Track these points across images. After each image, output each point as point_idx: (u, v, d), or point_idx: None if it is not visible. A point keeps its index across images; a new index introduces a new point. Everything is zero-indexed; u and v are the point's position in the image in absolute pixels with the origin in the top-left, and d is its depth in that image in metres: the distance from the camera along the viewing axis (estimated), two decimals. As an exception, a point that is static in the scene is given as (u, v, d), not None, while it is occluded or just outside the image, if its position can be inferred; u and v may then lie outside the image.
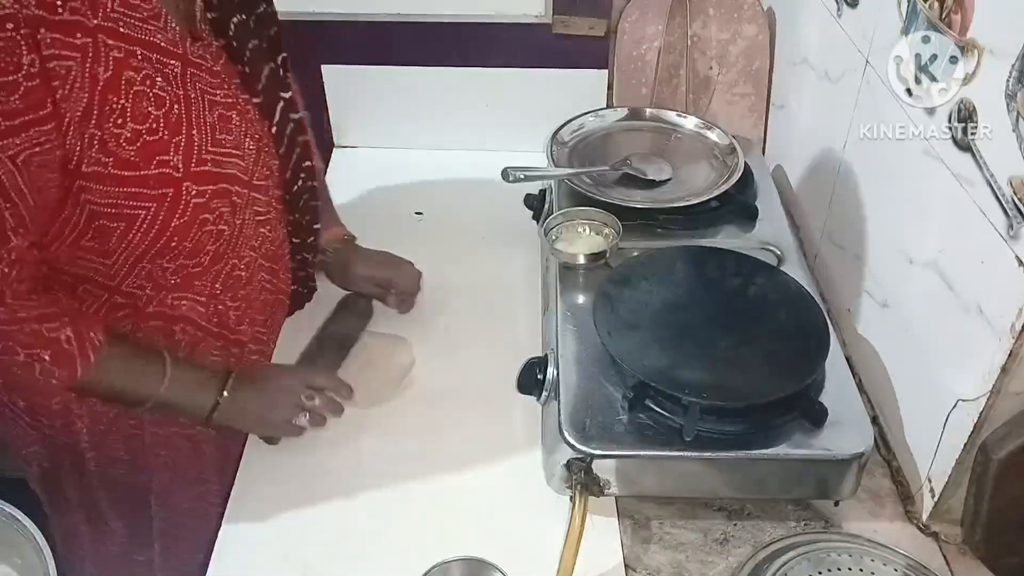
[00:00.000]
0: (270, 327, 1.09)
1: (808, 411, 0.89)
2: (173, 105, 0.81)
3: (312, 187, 1.04)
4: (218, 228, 0.89)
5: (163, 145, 0.81)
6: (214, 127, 0.85)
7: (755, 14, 1.43)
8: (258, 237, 0.97)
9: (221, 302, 0.96)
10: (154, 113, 0.80)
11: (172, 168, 0.82)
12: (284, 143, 0.96)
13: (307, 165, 1.02)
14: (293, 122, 0.97)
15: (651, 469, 0.91)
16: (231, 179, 0.88)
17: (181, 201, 0.84)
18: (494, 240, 1.35)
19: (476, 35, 1.49)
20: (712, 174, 1.26)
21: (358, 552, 0.92)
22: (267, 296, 1.04)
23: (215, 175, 0.86)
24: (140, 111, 0.78)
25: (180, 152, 0.82)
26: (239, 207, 0.91)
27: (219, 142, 0.86)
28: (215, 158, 0.86)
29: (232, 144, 0.88)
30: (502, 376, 1.04)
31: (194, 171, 0.84)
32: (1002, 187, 0.76)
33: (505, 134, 1.56)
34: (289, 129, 0.96)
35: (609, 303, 1.00)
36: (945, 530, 0.91)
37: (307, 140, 1.01)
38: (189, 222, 0.86)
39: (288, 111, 0.96)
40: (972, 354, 0.82)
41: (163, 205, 0.83)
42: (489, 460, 1.01)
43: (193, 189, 0.84)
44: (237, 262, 0.95)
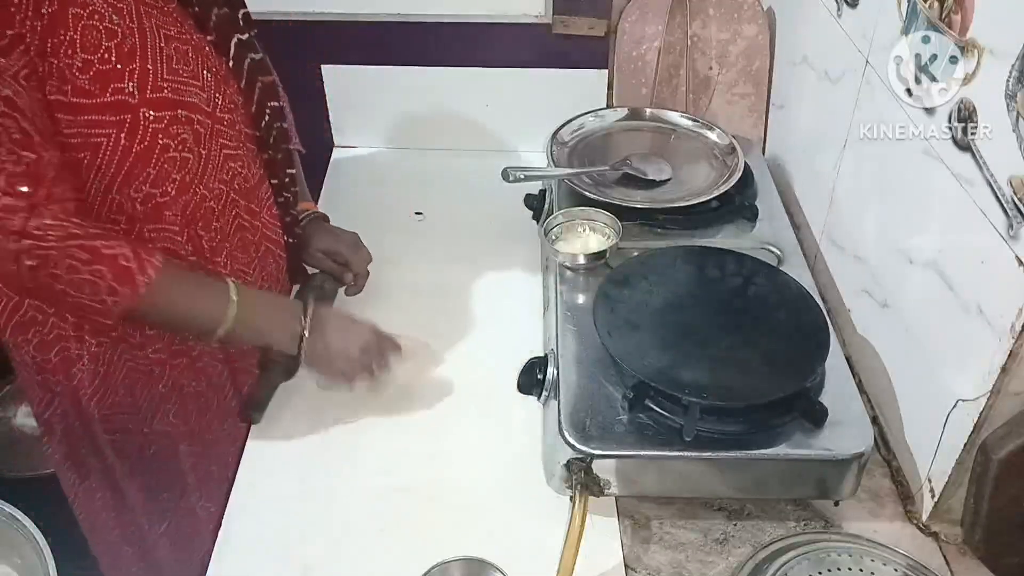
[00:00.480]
0: (260, 271, 1.09)
1: (808, 411, 0.89)
2: (126, 37, 0.85)
3: (282, 128, 1.07)
4: (181, 155, 0.92)
5: (116, 73, 0.85)
6: (170, 58, 0.89)
7: (755, 14, 1.43)
8: (228, 171, 0.99)
9: (193, 232, 0.98)
10: (105, 44, 0.84)
11: (128, 95, 0.86)
12: (243, 79, 0.99)
13: (273, 105, 1.04)
14: (251, 60, 1.00)
15: (651, 469, 0.91)
16: (191, 107, 0.92)
17: (140, 126, 0.88)
18: (494, 240, 1.35)
19: (476, 35, 1.49)
20: (712, 174, 1.26)
21: (358, 552, 0.92)
22: (246, 234, 1.05)
23: (173, 101, 0.89)
24: (90, 42, 0.83)
25: (135, 80, 0.86)
26: (203, 136, 0.94)
27: (175, 71, 0.90)
28: (172, 86, 0.89)
29: (189, 74, 0.91)
30: (502, 376, 1.04)
31: (150, 97, 0.87)
32: (1002, 187, 0.76)
33: (505, 134, 1.56)
34: (247, 65, 0.99)
35: (609, 303, 1.00)
36: (945, 530, 0.91)
37: (270, 80, 1.03)
38: (150, 147, 0.89)
39: (245, 50, 0.99)
40: (972, 354, 0.82)
41: (122, 130, 0.87)
42: (489, 460, 1.01)
43: (150, 114, 0.88)
44: (207, 193, 0.97)
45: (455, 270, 1.29)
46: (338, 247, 1.18)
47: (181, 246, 0.97)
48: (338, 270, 1.19)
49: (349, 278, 1.19)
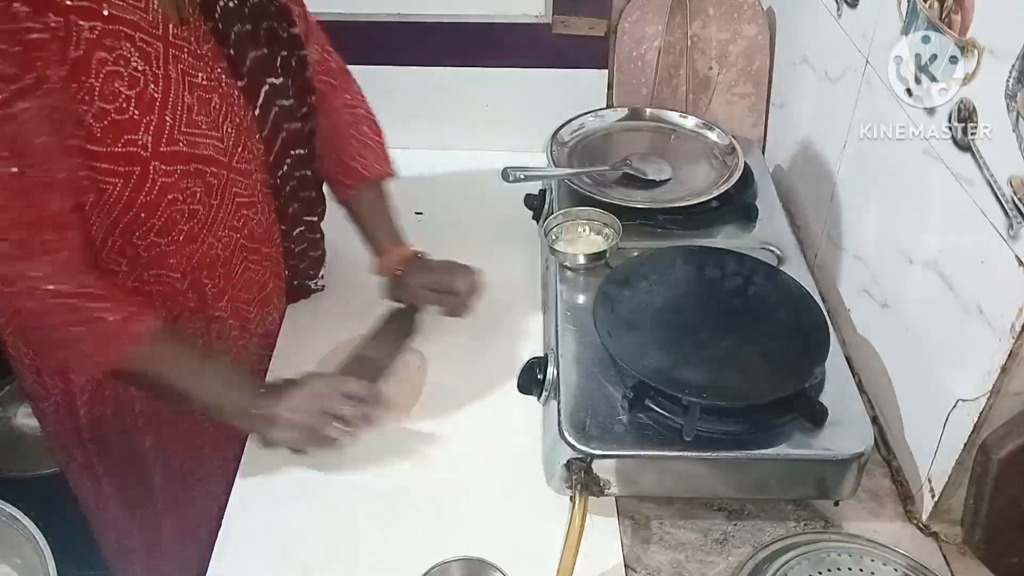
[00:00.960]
0: (262, 308, 1.10)
1: (808, 411, 0.89)
2: (148, 85, 0.83)
3: (303, 175, 1.05)
4: (190, 208, 0.91)
5: (132, 124, 0.83)
6: (191, 108, 0.87)
7: (755, 14, 1.43)
8: (239, 218, 0.98)
9: (197, 279, 0.98)
10: (125, 93, 0.82)
11: (140, 147, 0.84)
12: (268, 127, 0.97)
13: (295, 153, 1.02)
14: (279, 107, 0.98)
15: (651, 469, 0.91)
16: (205, 160, 0.90)
17: (148, 179, 0.86)
18: (494, 240, 1.35)
19: (476, 35, 1.49)
20: (712, 174, 1.26)
21: (358, 552, 0.92)
22: (251, 275, 1.05)
23: (187, 155, 0.87)
24: (109, 90, 0.81)
25: (150, 132, 0.84)
26: (215, 188, 0.93)
27: (195, 123, 0.87)
28: (189, 139, 0.87)
29: (209, 126, 0.89)
30: (502, 376, 1.04)
31: (163, 151, 0.85)
32: (1002, 187, 0.76)
33: (505, 134, 1.56)
34: (273, 114, 0.97)
35: (609, 303, 1.00)
36: (945, 530, 0.91)
37: (296, 128, 1.01)
38: (156, 200, 0.88)
39: (274, 97, 0.97)
40: (972, 354, 0.82)
41: (129, 182, 0.85)
42: (489, 460, 1.01)
43: (161, 168, 0.86)
44: (215, 242, 0.97)
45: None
46: (435, 277, 1.12)
47: (181, 293, 0.97)
48: (438, 299, 1.13)
49: (448, 302, 1.12)
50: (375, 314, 1.20)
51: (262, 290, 1.08)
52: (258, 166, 0.98)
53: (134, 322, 0.86)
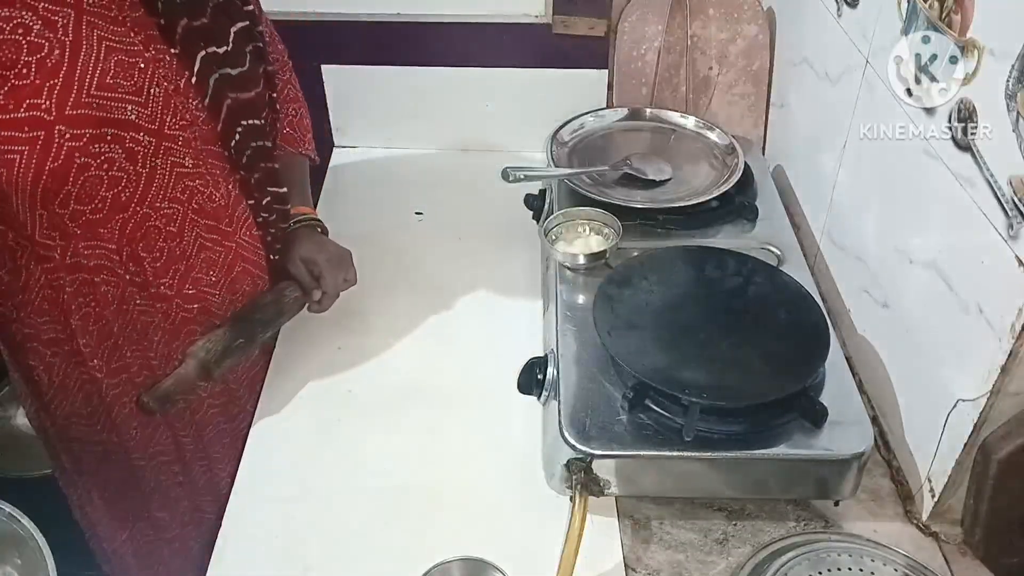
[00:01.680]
0: (228, 295, 1.06)
1: (808, 411, 0.89)
2: (53, 50, 0.83)
3: (260, 146, 1.02)
4: (109, 174, 0.89)
5: (33, 89, 0.82)
6: (107, 72, 0.86)
7: (755, 14, 1.43)
8: (183, 189, 0.96)
9: (133, 250, 0.95)
10: (24, 59, 0.81)
11: (43, 111, 0.83)
12: (208, 95, 0.95)
13: (248, 123, 0.99)
14: (221, 75, 0.96)
15: (651, 469, 0.91)
16: (122, 124, 0.88)
17: (53, 144, 0.84)
18: (494, 240, 1.35)
19: (476, 35, 1.49)
20: (712, 174, 1.26)
21: (358, 552, 0.92)
22: (209, 255, 1.02)
23: (97, 119, 0.86)
24: (7, 57, 0.80)
25: (53, 97, 0.83)
26: (139, 155, 0.91)
27: (110, 87, 0.86)
28: (100, 102, 0.86)
29: (130, 90, 0.88)
30: (502, 376, 1.04)
31: (69, 114, 0.84)
32: (1002, 187, 0.76)
33: (505, 134, 1.56)
34: (213, 81, 0.95)
35: (609, 303, 1.00)
36: (945, 530, 0.91)
37: (248, 97, 0.99)
38: (65, 166, 0.86)
39: (214, 65, 0.95)
40: (972, 354, 0.82)
41: (35, 148, 0.84)
42: (489, 460, 1.01)
43: (67, 132, 0.84)
44: (151, 212, 0.94)
45: (455, 270, 1.29)
46: (316, 257, 1.11)
47: (119, 264, 0.95)
48: (309, 282, 1.12)
49: (316, 294, 1.12)
50: (370, 310, 1.20)
51: (228, 273, 1.05)
52: (201, 135, 0.96)
53: None
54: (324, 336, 1.17)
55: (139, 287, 0.98)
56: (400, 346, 1.17)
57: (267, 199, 1.06)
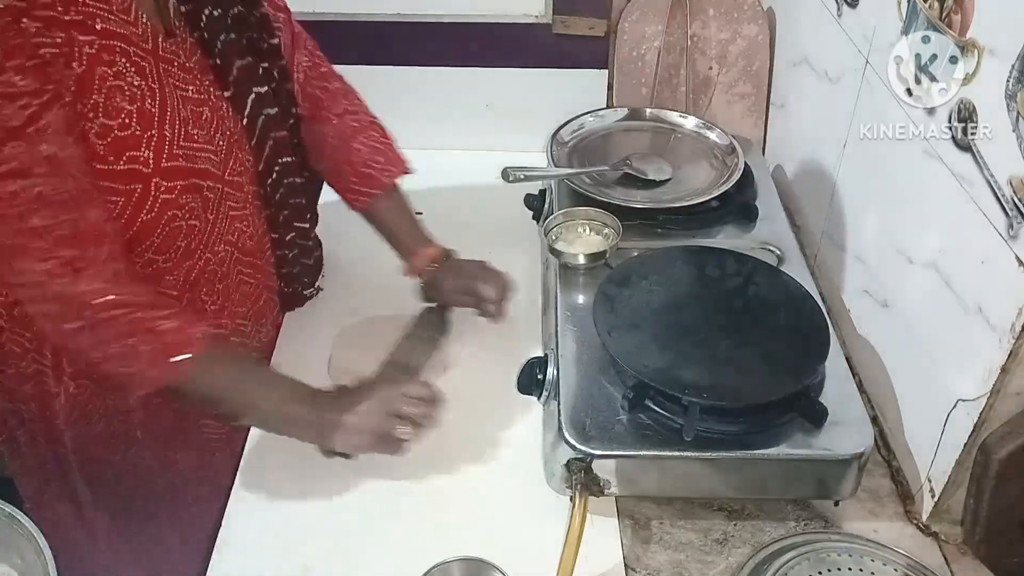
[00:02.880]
0: (255, 321, 1.09)
1: (808, 411, 0.89)
2: (146, 100, 0.82)
3: (291, 183, 1.03)
4: (188, 223, 0.90)
5: (134, 140, 0.82)
6: (186, 122, 0.86)
7: (755, 14, 1.43)
8: (233, 232, 0.98)
9: (196, 296, 0.97)
10: (127, 108, 0.81)
11: (142, 163, 0.83)
12: (256, 136, 0.96)
13: (283, 161, 1.01)
14: (265, 116, 0.97)
15: (651, 469, 0.91)
16: (202, 174, 0.89)
17: (149, 196, 0.84)
18: (494, 240, 1.35)
19: (476, 35, 1.49)
20: (712, 174, 1.26)
21: (358, 552, 0.92)
22: (247, 289, 1.04)
23: (186, 170, 0.86)
24: (113, 106, 0.80)
25: (151, 148, 0.83)
26: (211, 202, 0.92)
27: (191, 137, 0.87)
28: (187, 153, 0.86)
29: (204, 139, 0.88)
30: (502, 376, 1.04)
31: (164, 167, 0.84)
32: (1002, 187, 0.76)
33: (505, 134, 1.55)
34: (261, 122, 0.96)
35: (609, 303, 1.00)
36: (945, 530, 0.91)
37: (283, 136, 1.00)
38: (157, 218, 0.86)
39: (261, 106, 0.96)
40: (972, 354, 0.82)
41: (131, 200, 0.83)
42: (489, 460, 1.01)
43: (162, 185, 0.85)
44: (211, 257, 0.96)
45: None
46: (465, 282, 1.11)
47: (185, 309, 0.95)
48: (472, 302, 1.12)
49: (490, 308, 1.11)
50: (371, 318, 1.20)
51: (255, 303, 1.08)
52: (248, 177, 0.97)
53: (189, 330, 0.84)
54: (324, 336, 1.17)
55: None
56: (400, 346, 1.17)
57: (291, 235, 1.07)
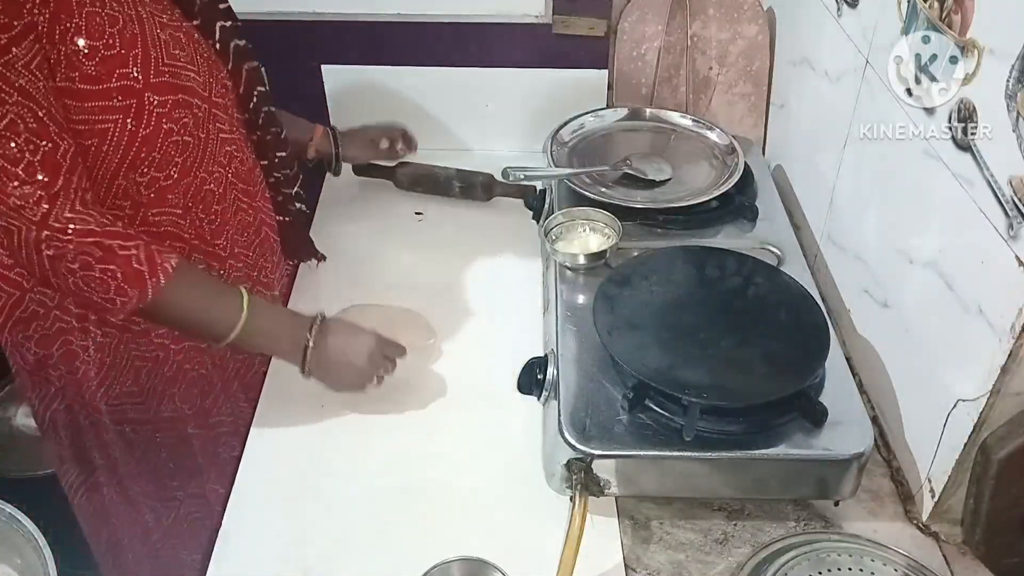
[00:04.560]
0: (258, 256, 1.11)
1: (808, 411, 0.89)
2: (127, 23, 0.86)
3: (269, 112, 1.07)
4: (183, 139, 0.94)
5: (121, 59, 0.86)
6: (167, 43, 0.90)
7: (755, 14, 1.43)
8: (224, 154, 1.01)
9: (195, 215, 1.00)
10: (109, 30, 0.85)
11: (133, 80, 0.87)
12: (231, 62, 1.01)
13: (260, 90, 1.05)
14: (236, 45, 1.01)
15: (651, 469, 0.91)
16: (189, 91, 0.93)
17: (144, 110, 0.88)
18: (494, 240, 1.35)
19: (476, 35, 1.49)
20: (712, 174, 1.26)
21: (358, 552, 0.92)
22: (243, 216, 1.07)
23: (174, 86, 0.90)
24: (94, 28, 0.84)
25: (138, 64, 0.87)
26: (200, 120, 0.95)
27: (174, 56, 0.91)
28: (172, 70, 0.90)
29: (186, 59, 0.92)
30: (502, 376, 1.04)
31: (153, 82, 0.88)
32: (1002, 187, 0.76)
33: (505, 134, 1.56)
34: (232, 49, 1.00)
35: (609, 303, 1.00)
36: (945, 530, 0.91)
37: (255, 66, 1.04)
38: (155, 131, 0.90)
39: (229, 36, 1.00)
40: (972, 354, 0.82)
41: (128, 115, 0.88)
42: (489, 460, 1.01)
43: (155, 99, 0.89)
44: (206, 176, 0.99)
45: (455, 270, 1.29)
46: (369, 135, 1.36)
47: (184, 230, 0.99)
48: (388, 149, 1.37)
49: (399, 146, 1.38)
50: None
51: (257, 234, 1.10)
52: (231, 102, 1.01)
53: (160, 256, 0.89)
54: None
55: (201, 251, 1.02)
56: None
57: (276, 159, 1.11)
